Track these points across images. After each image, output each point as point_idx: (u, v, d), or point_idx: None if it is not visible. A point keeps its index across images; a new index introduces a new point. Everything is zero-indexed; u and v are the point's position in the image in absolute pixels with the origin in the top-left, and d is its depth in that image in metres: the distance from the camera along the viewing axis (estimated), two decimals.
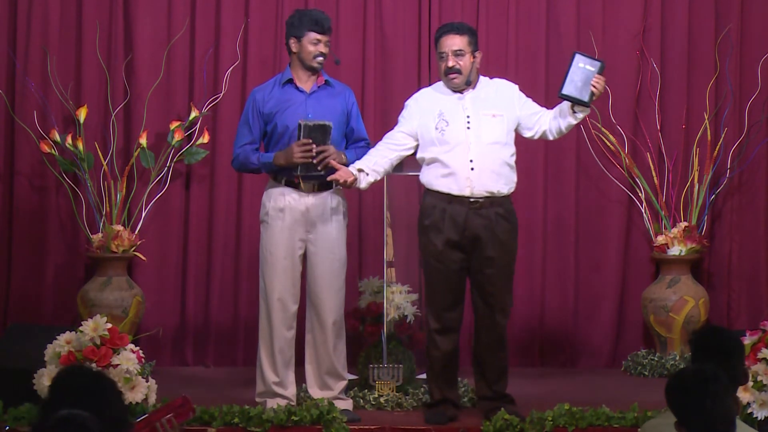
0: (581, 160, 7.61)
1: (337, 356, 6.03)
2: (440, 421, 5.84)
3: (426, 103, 5.94)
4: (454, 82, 5.89)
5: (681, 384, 3.71)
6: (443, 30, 5.97)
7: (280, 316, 5.97)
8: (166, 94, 7.51)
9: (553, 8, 7.64)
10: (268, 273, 5.98)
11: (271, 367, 5.98)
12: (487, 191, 5.80)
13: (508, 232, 5.87)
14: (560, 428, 5.66)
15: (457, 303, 5.89)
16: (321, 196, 5.97)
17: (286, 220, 5.95)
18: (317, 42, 5.97)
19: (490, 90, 5.96)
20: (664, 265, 7.41)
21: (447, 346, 5.89)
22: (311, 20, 5.99)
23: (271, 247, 5.98)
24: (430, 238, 5.84)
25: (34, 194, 7.47)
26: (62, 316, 7.36)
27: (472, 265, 5.85)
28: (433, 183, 5.86)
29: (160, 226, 7.52)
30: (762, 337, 5.58)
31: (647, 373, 7.21)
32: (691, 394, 3.66)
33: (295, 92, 6.00)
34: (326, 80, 6.05)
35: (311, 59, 5.98)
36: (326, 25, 6.00)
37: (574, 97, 5.78)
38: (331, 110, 5.99)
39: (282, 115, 5.96)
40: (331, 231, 5.98)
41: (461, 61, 5.87)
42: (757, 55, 7.57)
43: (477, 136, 5.82)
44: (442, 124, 5.85)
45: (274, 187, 6.00)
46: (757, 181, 7.63)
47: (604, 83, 5.80)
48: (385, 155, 5.92)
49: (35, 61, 7.42)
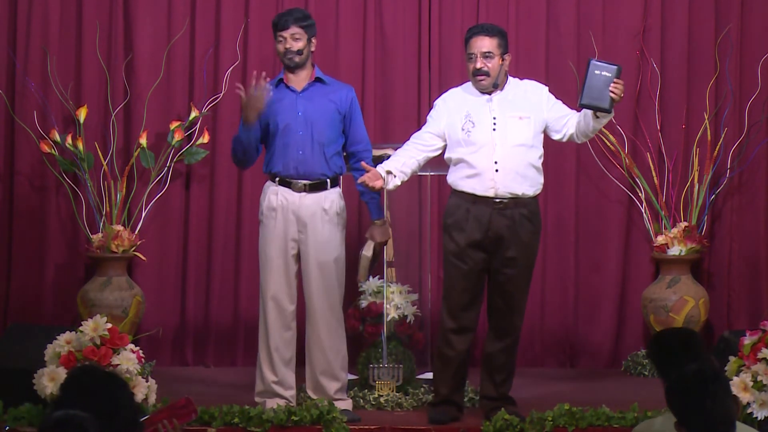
0: (581, 160, 7.61)
1: (334, 356, 6.02)
2: (443, 420, 5.84)
3: (454, 104, 5.92)
4: (482, 84, 5.87)
5: (681, 384, 3.71)
6: (474, 31, 5.94)
7: (276, 315, 5.97)
8: (166, 94, 7.50)
9: (553, 8, 7.64)
10: (264, 272, 6.01)
11: (269, 367, 5.99)
12: (511, 193, 5.78)
13: (531, 234, 5.86)
14: (560, 428, 5.66)
15: (474, 303, 5.87)
16: (313, 195, 5.97)
17: (278, 219, 5.96)
18: (281, 39, 5.99)
19: (519, 92, 5.93)
20: (664, 265, 7.41)
21: (462, 346, 5.88)
22: (275, 23, 6.04)
23: (265, 247, 6.00)
24: (452, 237, 5.82)
25: (34, 194, 7.47)
26: (62, 316, 7.36)
27: (493, 265, 5.83)
28: (458, 183, 5.85)
29: (160, 226, 7.52)
30: (762, 337, 5.57)
31: (647, 373, 7.21)
32: (691, 395, 3.66)
33: (286, 91, 6.01)
34: (319, 77, 6.05)
35: (283, 58, 6.02)
36: (286, 18, 5.99)
37: (593, 105, 5.73)
38: (322, 108, 5.98)
39: (274, 114, 5.97)
40: (323, 231, 5.97)
41: (489, 63, 5.84)
42: (757, 55, 7.57)
43: (503, 137, 5.81)
44: (469, 125, 5.83)
45: (269, 186, 6.02)
46: (757, 181, 7.63)
47: (623, 87, 5.74)
48: (413, 156, 5.89)
49: (35, 61, 7.42)
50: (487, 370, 5.97)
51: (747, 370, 5.50)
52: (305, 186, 5.96)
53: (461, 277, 5.83)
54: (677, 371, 3.77)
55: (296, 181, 5.96)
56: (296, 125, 5.96)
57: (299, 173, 5.95)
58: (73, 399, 3.48)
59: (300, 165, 5.95)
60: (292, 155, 5.95)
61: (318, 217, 5.96)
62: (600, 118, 5.81)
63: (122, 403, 3.54)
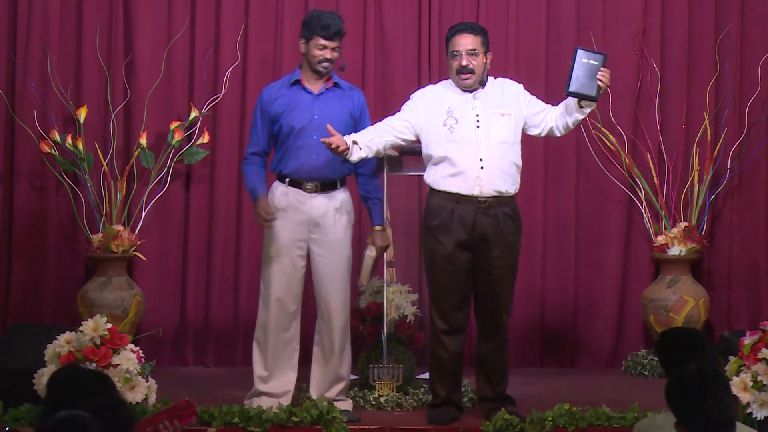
0: (581, 160, 7.61)
1: (343, 359, 6.03)
2: (444, 421, 5.84)
3: (433, 99, 5.90)
4: (467, 82, 5.86)
5: (681, 384, 3.70)
6: (457, 29, 5.93)
7: (278, 316, 5.96)
8: (166, 94, 7.51)
9: (553, 8, 7.64)
10: (269, 273, 5.98)
11: (263, 367, 5.97)
12: (496, 191, 5.78)
13: (514, 233, 5.87)
14: (560, 428, 5.66)
15: (464, 303, 5.87)
16: (324, 195, 5.95)
17: (288, 220, 5.94)
18: (323, 47, 5.93)
19: (497, 89, 5.94)
20: (664, 265, 7.41)
21: (455, 346, 5.88)
22: (320, 24, 5.93)
23: (271, 247, 5.97)
24: (439, 239, 5.81)
25: (34, 194, 7.47)
26: (62, 316, 7.37)
27: (479, 265, 5.83)
28: (440, 183, 5.82)
29: (160, 226, 7.52)
30: (762, 337, 5.58)
31: (647, 373, 7.21)
32: (691, 395, 3.66)
33: (302, 93, 5.97)
34: (335, 82, 6.02)
35: (316, 63, 5.95)
36: (333, 31, 5.93)
37: (581, 93, 5.76)
38: (338, 112, 5.96)
39: (288, 116, 5.94)
40: (336, 230, 5.97)
41: (474, 60, 5.84)
42: (757, 55, 7.57)
43: (486, 135, 5.80)
44: (452, 121, 5.82)
45: (278, 186, 6.00)
46: (757, 181, 7.63)
47: (609, 75, 5.78)
48: (382, 136, 5.83)
49: (35, 61, 7.42)
50: (482, 372, 5.97)
51: (747, 370, 5.50)
52: (316, 186, 5.95)
53: (450, 279, 5.82)
54: (677, 371, 3.77)
55: (307, 183, 5.95)
56: (311, 129, 5.92)
57: (312, 176, 5.93)
58: (60, 399, 3.48)
59: (314, 169, 5.91)
60: (305, 159, 5.92)
61: (330, 216, 5.95)
62: (584, 108, 5.84)
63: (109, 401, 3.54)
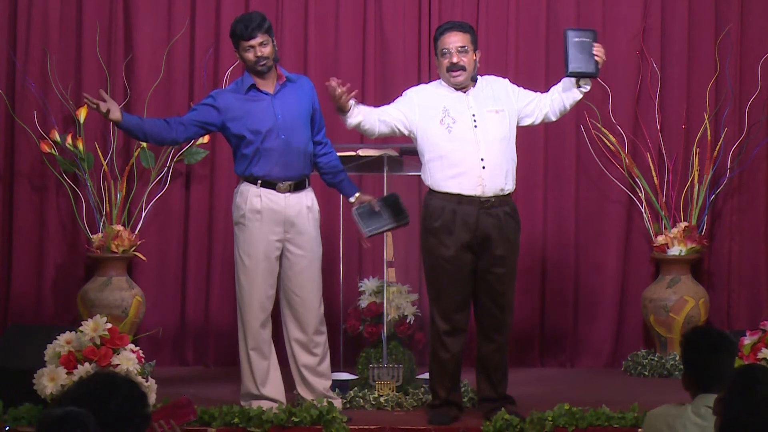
0: (581, 160, 7.61)
1: (325, 353, 5.99)
2: (444, 421, 5.83)
3: (428, 98, 5.89)
4: (458, 79, 5.85)
5: (749, 377, 3.66)
6: (446, 27, 5.93)
7: (261, 318, 5.93)
8: (166, 94, 7.51)
9: (553, 8, 7.64)
10: (248, 276, 5.92)
11: (252, 370, 5.95)
12: (498, 189, 5.78)
13: (514, 232, 5.87)
14: (560, 428, 5.66)
15: (465, 304, 5.86)
16: (297, 195, 5.93)
17: (263, 221, 5.91)
18: (249, 48, 5.89)
19: (486, 87, 5.94)
20: (664, 265, 7.41)
21: (456, 347, 5.87)
22: (236, 30, 5.89)
23: (249, 250, 5.91)
24: (441, 241, 5.79)
25: (34, 194, 7.47)
26: (62, 316, 7.37)
27: (481, 265, 5.82)
28: (441, 184, 5.81)
29: (160, 226, 7.52)
30: (762, 337, 5.58)
31: (647, 373, 7.21)
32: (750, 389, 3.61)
33: (259, 95, 5.92)
34: (286, 77, 5.98)
35: (253, 65, 5.91)
36: (250, 29, 5.86)
37: (582, 72, 5.82)
38: (298, 106, 5.94)
39: (249, 121, 5.88)
40: (310, 229, 5.95)
41: (465, 57, 5.84)
42: (757, 55, 7.57)
43: (484, 133, 5.79)
44: (449, 120, 5.81)
45: (248, 188, 5.94)
46: (757, 181, 7.63)
47: (604, 50, 5.85)
48: (379, 116, 5.81)
49: (35, 61, 7.42)
50: (483, 372, 5.95)
51: None
52: (290, 186, 5.94)
53: (453, 280, 5.80)
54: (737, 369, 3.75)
55: (280, 183, 5.93)
56: (277, 129, 5.89)
57: (284, 176, 5.91)
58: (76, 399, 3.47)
59: (285, 168, 5.89)
60: (277, 159, 5.88)
61: (304, 215, 5.94)
62: (582, 87, 5.86)
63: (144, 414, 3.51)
